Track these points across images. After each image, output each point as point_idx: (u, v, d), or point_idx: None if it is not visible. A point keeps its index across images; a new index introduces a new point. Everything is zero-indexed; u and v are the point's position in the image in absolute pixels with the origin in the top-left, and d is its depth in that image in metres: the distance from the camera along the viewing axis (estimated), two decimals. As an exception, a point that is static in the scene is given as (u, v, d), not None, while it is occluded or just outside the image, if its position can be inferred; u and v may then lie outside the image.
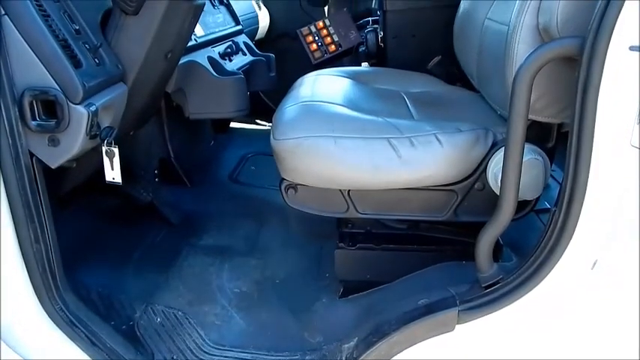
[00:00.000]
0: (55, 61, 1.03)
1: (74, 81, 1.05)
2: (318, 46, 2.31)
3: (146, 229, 1.69)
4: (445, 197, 1.22)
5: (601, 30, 0.83)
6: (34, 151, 1.06)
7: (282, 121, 1.23)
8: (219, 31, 2.10)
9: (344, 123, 1.19)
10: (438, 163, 1.15)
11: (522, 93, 0.93)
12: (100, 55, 1.19)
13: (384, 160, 1.14)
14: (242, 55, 2.16)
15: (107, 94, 1.18)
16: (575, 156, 0.90)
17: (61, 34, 1.09)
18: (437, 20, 1.87)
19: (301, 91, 1.43)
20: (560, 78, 1.02)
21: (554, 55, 0.91)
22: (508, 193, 1.00)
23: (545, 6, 1.01)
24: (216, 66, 1.84)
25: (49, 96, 1.04)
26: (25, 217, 1.02)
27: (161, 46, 1.34)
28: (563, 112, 1.07)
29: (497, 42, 1.23)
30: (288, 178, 1.22)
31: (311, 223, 1.58)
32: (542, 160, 1.11)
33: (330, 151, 1.14)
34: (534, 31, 1.06)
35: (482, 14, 1.40)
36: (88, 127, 1.08)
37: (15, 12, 1.01)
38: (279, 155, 1.19)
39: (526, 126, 0.96)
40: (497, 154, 1.15)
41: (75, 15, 1.17)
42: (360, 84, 1.57)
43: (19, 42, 1.01)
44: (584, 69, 0.86)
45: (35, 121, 1.04)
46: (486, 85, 1.39)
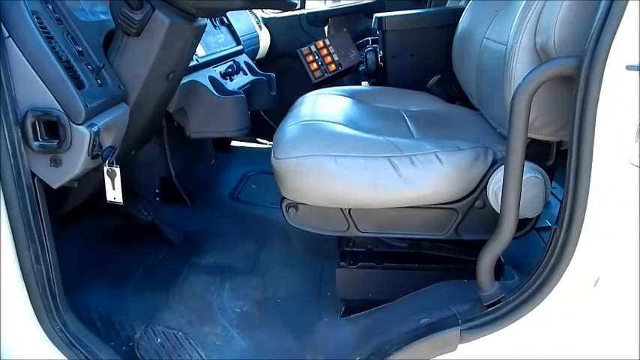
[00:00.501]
0: (57, 83, 1.05)
1: (77, 102, 1.06)
2: (319, 65, 2.33)
3: (147, 249, 1.69)
4: (446, 215, 1.22)
5: (598, 49, 0.84)
6: (35, 171, 1.07)
7: (283, 140, 1.24)
8: (221, 51, 2.12)
9: (344, 142, 1.20)
10: (439, 182, 1.15)
11: (521, 112, 0.93)
12: (102, 76, 1.20)
13: (385, 178, 1.14)
14: (243, 75, 2.18)
15: (109, 115, 1.19)
16: (574, 174, 0.91)
17: (64, 55, 1.10)
18: (436, 40, 1.89)
19: (302, 111, 1.44)
20: (558, 97, 1.03)
21: (552, 75, 0.92)
22: (508, 212, 1.00)
23: (543, 26, 1.03)
24: (217, 86, 1.86)
25: (51, 117, 1.05)
26: (26, 237, 1.02)
27: (163, 66, 1.35)
28: (562, 131, 1.08)
29: (495, 61, 1.24)
30: (289, 197, 1.22)
31: (312, 241, 1.57)
32: (542, 178, 1.11)
33: (330, 170, 1.15)
34: (532, 51, 1.07)
35: (481, 34, 1.41)
36: (89, 148, 1.08)
37: (19, 34, 1.03)
38: (279, 174, 1.20)
39: (525, 144, 0.97)
40: (497, 172, 1.15)
41: (78, 37, 1.19)
42: (360, 103, 1.58)
43: (23, 64, 1.03)
44: (582, 88, 0.87)
45: (37, 142, 1.05)
46: (485, 104, 1.40)
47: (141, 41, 1.25)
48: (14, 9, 1.03)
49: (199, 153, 2.27)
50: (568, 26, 0.97)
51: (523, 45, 1.08)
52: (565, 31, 0.97)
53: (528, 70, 0.98)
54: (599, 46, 0.84)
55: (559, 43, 0.98)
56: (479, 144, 1.20)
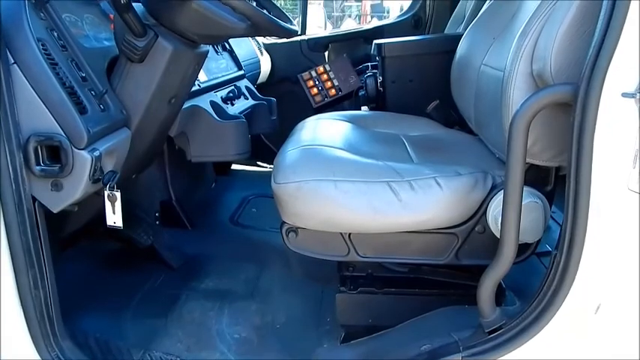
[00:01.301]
0: (61, 108, 1.06)
1: (79, 127, 1.07)
2: (319, 90, 2.36)
3: (146, 273, 1.68)
4: (446, 240, 1.22)
5: (594, 77, 0.85)
6: (36, 195, 1.07)
7: (284, 165, 1.24)
8: (222, 76, 2.15)
9: (344, 167, 1.21)
10: (438, 207, 1.15)
11: (519, 138, 0.94)
12: (105, 101, 1.21)
13: (385, 203, 1.15)
14: (244, 99, 2.20)
15: (111, 139, 1.20)
16: (573, 200, 0.91)
17: (68, 81, 1.11)
18: (434, 66, 1.91)
19: (302, 135, 1.45)
20: (555, 123, 1.04)
21: (549, 102, 0.93)
22: (508, 237, 1.00)
23: (539, 53, 1.04)
24: (218, 110, 1.87)
25: (53, 141, 1.06)
26: (25, 263, 1.02)
27: (165, 92, 1.37)
28: (560, 156, 1.08)
29: (493, 87, 1.26)
30: (289, 221, 1.22)
31: (312, 265, 1.57)
32: (542, 203, 1.12)
33: (330, 194, 1.15)
34: (529, 78, 1.09)
35: (479, 60, 1.43)
36: (91, 172, 1.09)
37: (24, 61, 1.04)
38: (280, 199, 1.20)
39: (524, 170, 0.97)
40: (496, 197, 1.15)
41: (82, 63, 1.21)
42: (360, 128, 1.60)
43: (27, 89, 1.04)
44: (579, 115, 0.88)
45: (39, 167, 1.06)
46: (484, 129, 1.41)
47: (144, 67, 1.27)
48: (20, 36, 1.05)
49: (200, 176, 2.28)
50: (564, 53, 0.99)
51: (520, 72, 1.10)
52: (561, 58, 0.99)
53: (526, 97, 0.99)
54: (595, 74, 0.85)
55: (555, 70, 0.99)
56: (478, 169, 1.21)
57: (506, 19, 1.40)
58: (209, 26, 1.25)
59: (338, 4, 14.35)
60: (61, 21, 1.22)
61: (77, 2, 1.38)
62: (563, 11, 0.99)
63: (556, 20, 1.00)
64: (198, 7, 1.21)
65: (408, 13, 2.98)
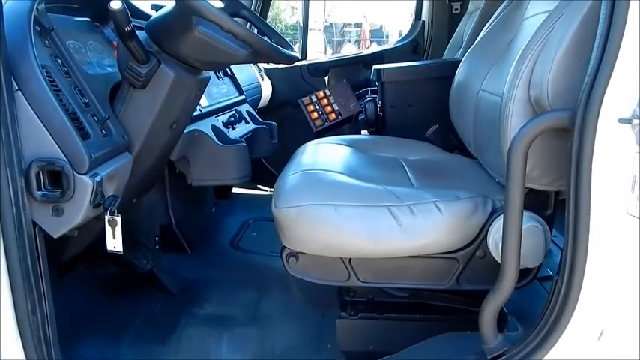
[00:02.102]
0: (63, 134, 1.07)
1: (81, 152, 1.08)
2: (319, 114, 2.38)
3: (145, 298, 1.67)
4: (447, 265, 1.22)
5: (590, 103, 0.86)
6: (37, 220, 1.07)
7: (284, 189, 1.25)
8: (223, 100, 2.17)
9: (345, 191, 1.21)
10: (439, 231, 1.15)
11: (518, 163, 0.95)
12: (107, 126, 1.22)
13: (385, 228, 1.15)
14: (245, 124, 2.22)
15: (112, 164, 1.20)
16: (573, 225, 0.91)
17: (71, 107, 1.12)
18: (433, 91, 1.94)
19: (302, 160, 1.46)
20: (554, 148, 1.04)
21: (547, 127, 0.94)
22: (509, 262, 1.00)
23: (536, 80, 1.06)
24: (219, 134, 1.89)
25: (55, 167, 1.06)
26: (24, 288, 1.01)
27: (167, 117, 1.38)
28: (559, 181, 1.09)
29: (491, 112, 1.27)
30: (289, 246, 1.22)
31: (312, 290, 1.56)
32: (542, 227, 1.12)
33: (331, 219, 1.15)
34: (526, 103, 1.10)
35: (477, 86, 1.45)
36: (92, 197, 1.09)
37: (29, 88, 1.05)
38: (280, 223, 1.20)
39: (523, 194, 0.98)
40: (496, 222, 1.15)
41: (85, 89, 1.22)
42: (360, 152, 1.61)
43: (31, 115, 1.05)
44: (577, 140, 0.88)
45: (41, 192, 1.06)
46: (483, 153, 1.42)
47: (146, 93, 1.28)
48: (25, 63, 1.07)
49: (200, 200, 2.28)
50: (561, 80, 1.00)
51: (517, 98, 1.11)
52: (558, 84, 1.00)
53: (523, 122, 1.00)
54: (591, 100, 0.86)
55: (552, 96, 1.00)
56: (477, 193, 1.21)
57: (503, 45, 1.43)
58: (211, 53, 1.27)
59: (338, 30, 14.57)
60: (66, 48, 1.23)
61: (81, 30, 1.41)
62: (559, 39, 1.00)
63: (552, 48, 1.02)
64: (200, 35, 1.24)
65: (407, 39, 3.03)
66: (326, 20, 11.38)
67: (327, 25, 11.64)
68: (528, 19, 1.38)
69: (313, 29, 3.22)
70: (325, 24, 10.06)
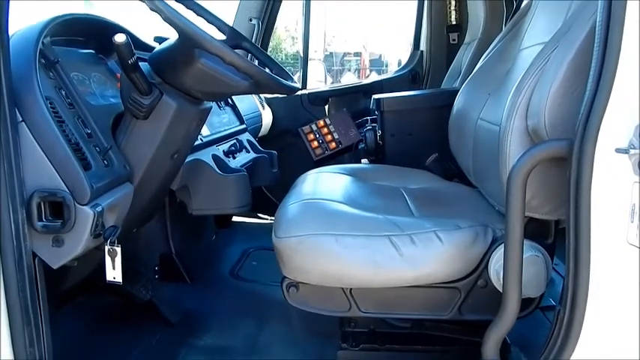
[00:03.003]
0: (65, 165, 1.07)
1: (83, 183, 1.08)
2: (319, 143, 2.40)
3: (144, 329, 1.65)
4: (448, 295, 1.21)
5: (587, 133, 0.87)
6: (37, 251, 1.07)
7: (285, 219, 1.25)
8: (224, 130, 2.19)
9: (345, 221, 1.21)
10: (439, 261, 1.15)
11: (517, 192, 0.95)
12: (109, 157, 1.23)
13: (386, 257, 1.15)
14: (245, 153, 2.23)
15: (113, 194, 1.20)
16: (574, 254, 0.91)
17: (74, 138, 1.13)
18: (432, 120, 1.95)
19: (303, 189, 1.46)
20: (553, 177, 1.05)
21: (545, 157, 0.95)
22: (511, 292, 0.99)
23: (533, 110, 1.07)
24: (220, 164, 1.90)
25: (57, 197, 1.06)
26: (22, 320, 1.00)
27: (168, 147, 1.39)
28: (559, 210, 1.09)
29: (490, 141, 1.28)
30: (290, 276, 1.22)
31: (313, 320, 1.53)
32: (543, 256, 1.12)
33: (331, 249, 1.15)
34: (524, 133, 1.11)
35: (475, 115, 1.47)
36: (92, 228, 1.09)
37: (32, 119, 1.06)
38: (281, 253, 1.20)
39: (523, 224, 0.98)
40: (497, 251, 1.15)
41: (88, 120, 1.23)
42: (360, 181, 1.61)
43: (34, 147, 1.06)
44: (575, 170, 0.89)
45: (41, 222, 1.06)
46: (483, 182, 1.43)
47: (148, 124, 1.30)
48: (30, 95, 1.08)
49: (200, 229, 2.28)
50: (557, 110, 1.01)
51: (515, 127, 1.12)
52: (555, 114, 1.01)
53: (522, 151, 1.01)
54: (588, 130, 0.87)
55: (550, 126, 1.01)
56: (478, 222, 1.21)
57: (500, 75, 1.45)
58: (213, 84, 1.29)
59: (338, 59, 14.78)
60: (70, 80, 1.25)
61: (86, 61, 1.43)
62: (554, 70, 1.02)
63: (547, 79, 1.03)
64: (202, 67, 1.26)
65: (406, 68, 3.08)
66: (326, 50, 11.55)
67: (327, 55, 11.83)
68: (524, 50, 1.40)
69: (313, 59, 3.28)
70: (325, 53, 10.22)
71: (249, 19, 2.83)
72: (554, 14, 1.26)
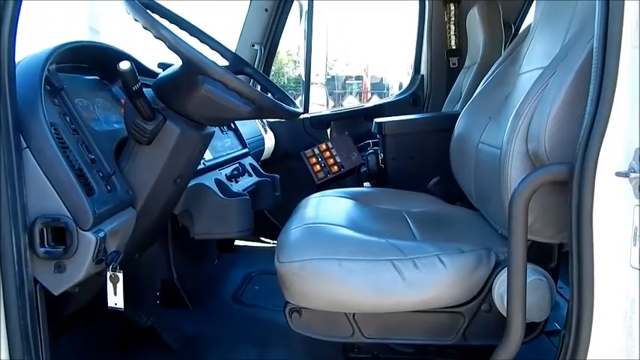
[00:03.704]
0: (69, 190, 1.08)
1: (85, 208, 1.08)
2: (322, 167, 2.41)
3: (145, 356, 1.63)
4: (452, 320, 1.20)
5: (587, 157, 0.88)
6: (38, 277, 1.06)
7: (287, 243, 1.25)
8: (227, 154, 2.20)
9: (348, 245, 1.21)
10: (443, 285, 1.14)
11: (519, 216, 0.95)
12: (112, 182, 1.24)
13: (389, 282, 1.14)
14: (248, 177, 2.24)
15: (116, 220, 1.21)
16: (577, 278, 0.90)
17: (77, 164, 1.14)
18: (433, 143, 1.96)
19: (305, 213, 1.47)
20: (554, 200, 1.05)
21: (546, 181, 0.95)
22: (515, 316, 0.99)
23: (533, 134, 1.08)
24: (222, 188, 1.90)
25: (59, 223, 1.07)
26: (22, 348, 0.99)
27: (171, 172, 1.40)
28: (562, 233, 1.09)
29: (492, 164, 1.28)
30: (293, 301, 1.21)
31: (316, 346, 1.52)
32: (547, 280, 1.11)
33: (334, 273, 1.15)
34: (525, 156, 1.11)
35: (476, 138, 1.48)
36: (95, 253, 1.09)
37: (36, 145, 1.07)
38: (283, 278, 1.19)
39: (526, 248, 0.97)
40: (501, 275, 1.14)
41: (92, 145, 1.24)
42: (362, 205, 1.61)
43: (37, 172, 1.06)
44: (576, 194, 0.89)
45: (43, 248, 1.06)
46: (485, 205, 1.43)
47: (151, 149, 1.30)
48: (34, 122, 1.09)
49: (202, 254, 2.27)
50: (557, 134, 1.02)
51: (516, 150, 1.13)
52: (554, 138, 1.02)
53: (523, 174, 1.01)
54: (588, 154, 0.87)
55: (550, 150, 1.02)
56: (481, 246, 1.21)
57: (500, 99, 1.46)
58: (216, 110, 1.31)
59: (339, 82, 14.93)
60: (74, 106, 1.27)
61: (90, 88, 1.45)
62: (553, 95, 1.03)
63: (547, 104, 1.04)
64: (206, 93, 1.27)
65: (407, 92, 3.10)
66: (328, 73, 11.68)
67: (328, 78, 11.95)
68: (523, 74, 1.42)
69: (315, 83, 3.30)
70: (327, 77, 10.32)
71: (252, 44, 2.88)
72: (552, 40, 1.28)
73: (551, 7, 1.37)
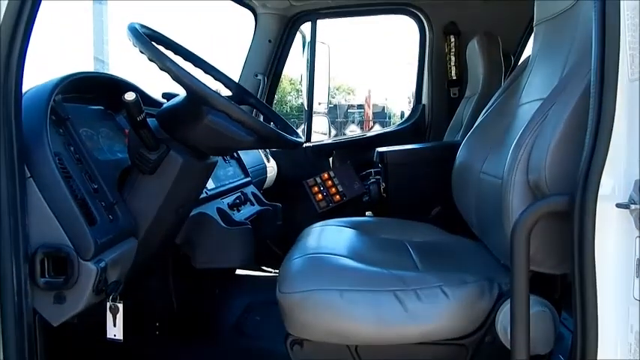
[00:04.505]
0: (71, 220, 1.08)
1: (87, 239, 1.08)
2: (324, 196, 2.41)
3: (144, 387, 1.61)
4: (455, 352, 1.18)
5: (587, 188, 0.88)
6: (38, 308, 1.06)
7: (289, 273, 1.24)
8: (229, 183, 2.21)
9: (350, 275, 1.20)
10: (445, 317, 1.13)
11: (521, 248, 0.95)
12: (114, 211, 1.24)
13: (391, 313, 1.13)
14: (250, 205, 2.24)
15: (117, 249, 1.20)
16: (581, 310, 0.89)
17: (80, 193, 1.15)
18: (435, 172, 1.97)
19: (307, 243, 1.46)
20: (555, 231, 1.05)
21: (547, 212, 0.95)
22: (519, 349, 0.97)
23: (533, 165, 1.08)
24: (224, 217, 1.90)
25: (61, 253, 1.07)
26: (20, 379, 0.98)
27: (173, 202, 1.40)
28: (564, 264, 1.08)
29: (493, 194, 1.28)
30: (294, 333, 1.19)
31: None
32: (550, 311, 1.09)
33: (336, 304, 1.14)
34: (526, 187, 1.11)
35: (477, 168, 1.48)
36: (95, 283, 1.09)
37: (40, 175, 1.08)
38: (285, 309, 1.18)
39: (528, 279, 0.97)
40: (504, 307, 1.13)
41: (95, 175, 1.25)
42: (364, 234, 1.61)
43: (40, 202, 1.07)
44: (577, 225, 0.89)
45: (44, 279, 1.05)
46: (487, 235, 1.42)
47: (154, 179, 1.31)
48: (39, 151, 1.10)
49: (203, 283, 2.25)
50: (558, 165, 1.02)
51: (517, 181, 1.13)
52: (555, 169, 1.02)
53: (524, 204, 1.01)
54: (588, 185, 0.88)
55: (550, 181, 1.02)
56: (483, 277, 1.20)
57: (500, 130, 1.47)
58: (219, 140, 1.32)
59: (342, 111, 15.05)
60: (78, 135, 1.28)
61: (95, 117, 1.47)
62: (553, 126, 1.04)
63: (547, 134, 1.05)
64: (209, 123, 1.29)
65: (409, 121, 3.13)
66: (330, 102, 11.80)
67: (331, 107, 12.09)
68: (523, 105, 1.43)
69: (318, 112, 3.34)
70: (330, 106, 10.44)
71: (255, 74, 2.92)
72: (551, 71, 1.29)
73: (549, 39, 1.40)
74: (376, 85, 15.34)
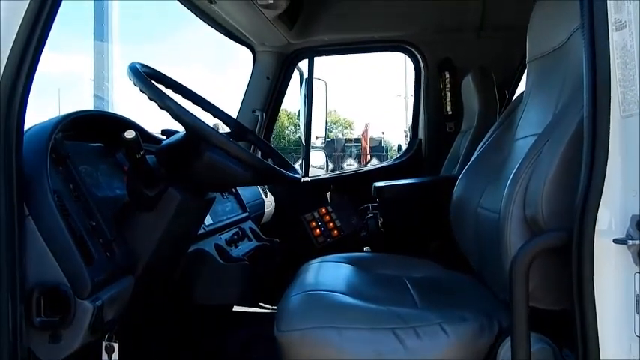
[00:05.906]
0: (68, 259, 1.07)
1: (84, 277, 1.08)
2: (322, 231, 2.41)
3: None
4: (457, 391, 1.16)
5: (584, 224, 0.88)
6: (33, 348, 1.04)
7: (287, 311, 1.23)
8: (227, 219, 2.20)
9: (348, 313, 1.19)
10: (445, 355, 1.12)
11: (520, 284, 0.95)
12: (112, 248, 1.24)
13: (390, 351, 1.11)
14: (248, 241, 2.23)
15: (114, 287, 1.19)
16: (582, 347, 0.88)
17: (79, 231, 1.14)
18: (432, 207, 1.97)
19: (305, 279, 1.45)
20: (554, 267, 1.04)
21: (545, 247, 0.95)
22: (521, 388, 0.95)
23: (530, 200, 1.09)
24: (222, 253, 1.89)
25: (58, 291, 1.05)
26: None
27: (171, 238, 1.40)
28: (564, 299, 1.07)
29: (491, 228, 1.28)
30: (292, 372, 1.17)
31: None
32: (551, 348, 1.08)
33: (334, 343, 1.12)
34: (523, 221, 1.12)
35: (475, 202, 1.49)
36: (91, 322, 1.07)
37: (39, 213, 1.08)
38: (283, 348, 1.17)
39: (528, 315, 0.96)
40: (505, 343, 1.12)
41: (93, 212, 1.25)
42: (362, 270, 1.60)
43: (38, 241, 1.06)
44: (575, 261, 0.89)
45: (40, 318, 1.04)
46: (486, 270, 1.41)
47: (153, 215, 1.31)
48: (38, 189, 1.10)
49: (201, 320, 2.22)
50: (554, 200, 1.03)
51: (514, 216, 1.13)
52: (552, 204, 1.03)
53: (522, 239, 1.01)
54: (585, 221, 0.88)
55: (547, 216, 1.03)
56: (483, 313, 1.19)
57: (497, 164, 1.49)
58: (218, 177, 1.33)
59: (339, 145, 15.18)
60: (78, 172, 1.28)
61: (94, 154, 1.48)
62: (548, 162, 1.05)
63: (542, 170, 1.06)
64: (208, 160, 1.30)
65: (405, 156, 3.16)
66: (327, 136, 11.90)
67: (328, 141, 12.18)
68: (519, 140, 1.45)
69: (315, 147, 3.37)
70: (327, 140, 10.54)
71: (254, 110, 2.96)
72: (545, 108, 1.32)
73: (542, 75, 1.43)
74: (373, 119, 15.59)
